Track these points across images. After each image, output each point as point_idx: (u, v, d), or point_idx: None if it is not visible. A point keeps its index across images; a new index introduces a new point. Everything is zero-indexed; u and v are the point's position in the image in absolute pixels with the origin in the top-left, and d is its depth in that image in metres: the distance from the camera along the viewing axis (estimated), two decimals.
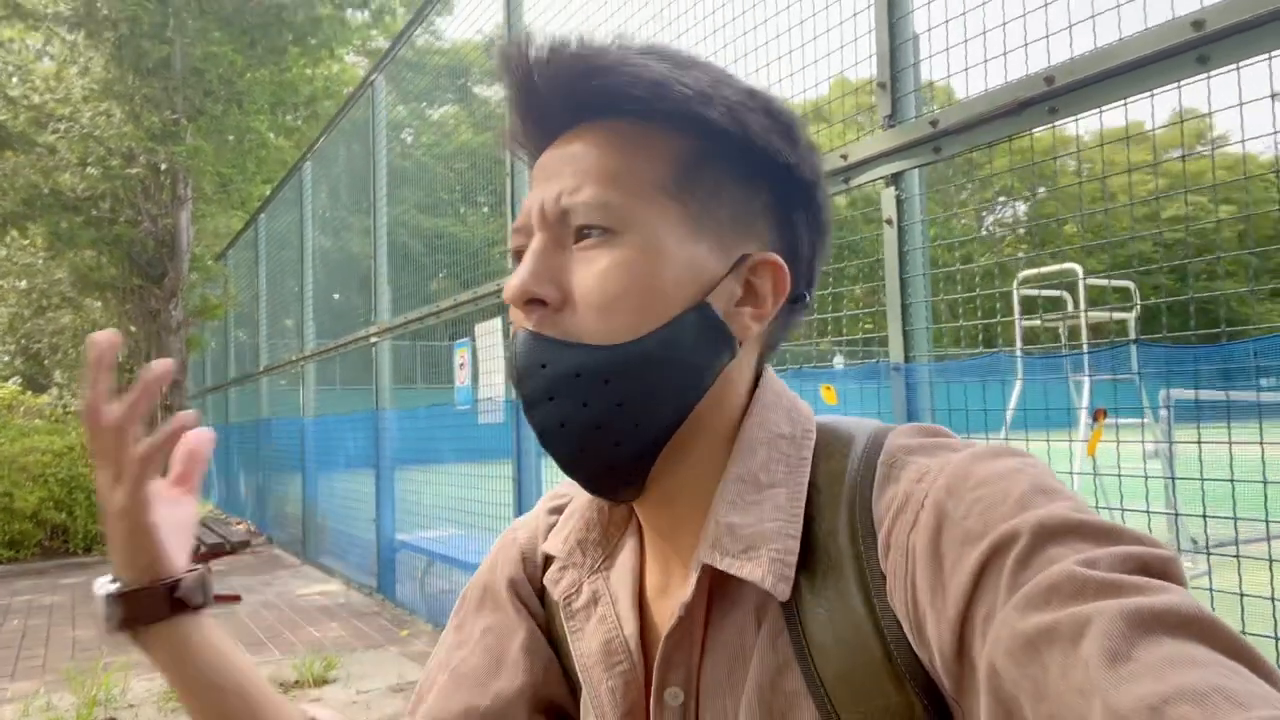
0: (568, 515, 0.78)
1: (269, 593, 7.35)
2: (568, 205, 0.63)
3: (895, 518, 0.59)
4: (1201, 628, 0.42)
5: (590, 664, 0.70)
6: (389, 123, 7.02)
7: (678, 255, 0.63)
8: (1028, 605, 0.47)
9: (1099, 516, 0.52)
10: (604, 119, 0.66)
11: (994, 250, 6.03)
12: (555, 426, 0.62)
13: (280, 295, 10.78)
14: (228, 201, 13.50)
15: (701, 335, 0.63)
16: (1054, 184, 2.63)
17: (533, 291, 0.62)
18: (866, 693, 0.58)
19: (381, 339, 6.58)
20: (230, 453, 13.36)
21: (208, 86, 10.43)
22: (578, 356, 0.61)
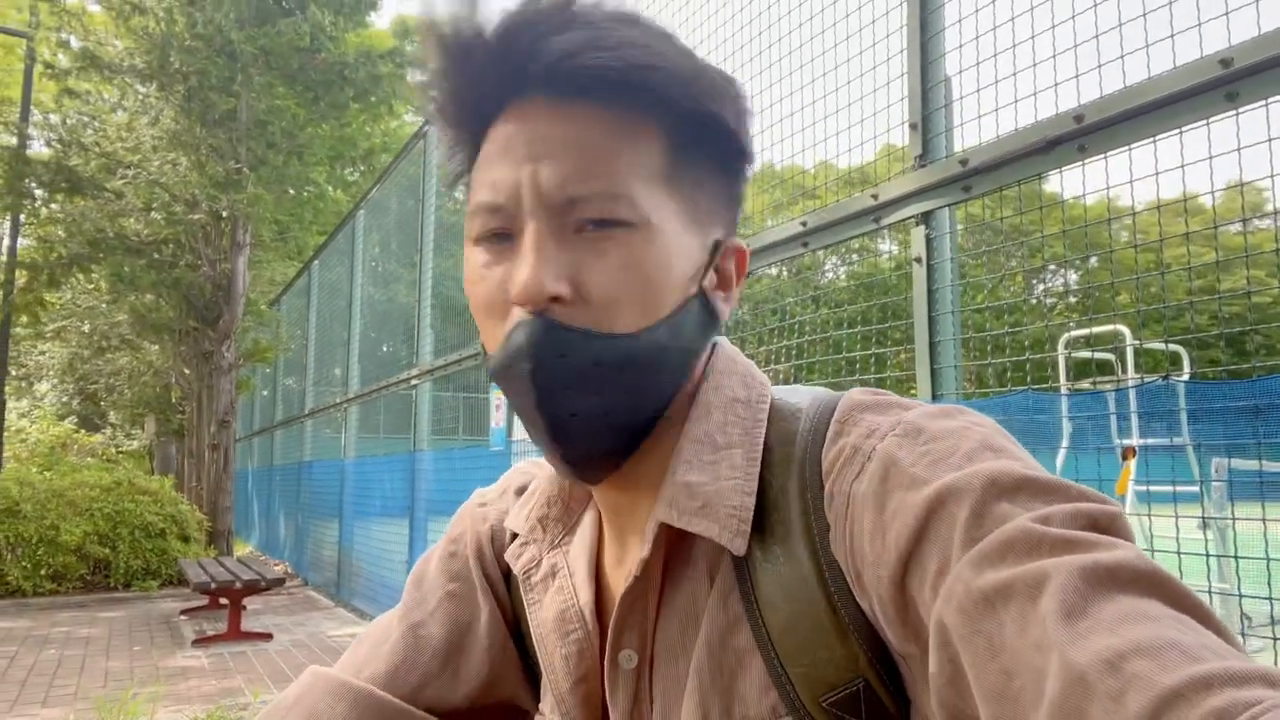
0: (530, 493, 0.79)
1: (301, 633, 7.37)
2: (576, 194, 0.60)
3: (842, 467, 0.60)
4: (1154, 583, 0.43)
5: (545, 633, 0.71)
6: (441, 178, 7.19)
7: (678, 246, 0.63)
8: (982, 561, 0.47)
9: (1047, 472, 0.52)
10: (587, 98, 0.61)
11: (1044, 316, 5.98)
12: (566, 418, 0.61)
13: (328, 342, 11.00)
14: (284, 250, 13.90)
15: (699, 321, 0.65)
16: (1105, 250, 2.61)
17: (551, 290, 0.59)
18: (811, 645, 0.58)
19: (422, 381, 6.67)
20: (272, 495, 13.52)
21: (270, 138, 10.82)
22: (599, 347, 0.60)
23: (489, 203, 0.62)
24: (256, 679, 5.64)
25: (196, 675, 5.77)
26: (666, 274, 0.62)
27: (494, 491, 0.86)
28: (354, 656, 0.78)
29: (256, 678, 5.68)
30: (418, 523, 6.63)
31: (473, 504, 0.86)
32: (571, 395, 0.60)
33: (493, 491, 0.86)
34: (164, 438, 18.80)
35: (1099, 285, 2.53)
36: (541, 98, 0.62)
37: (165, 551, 10.06)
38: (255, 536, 14.87)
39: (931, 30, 2.50)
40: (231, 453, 12.39)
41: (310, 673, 0.76)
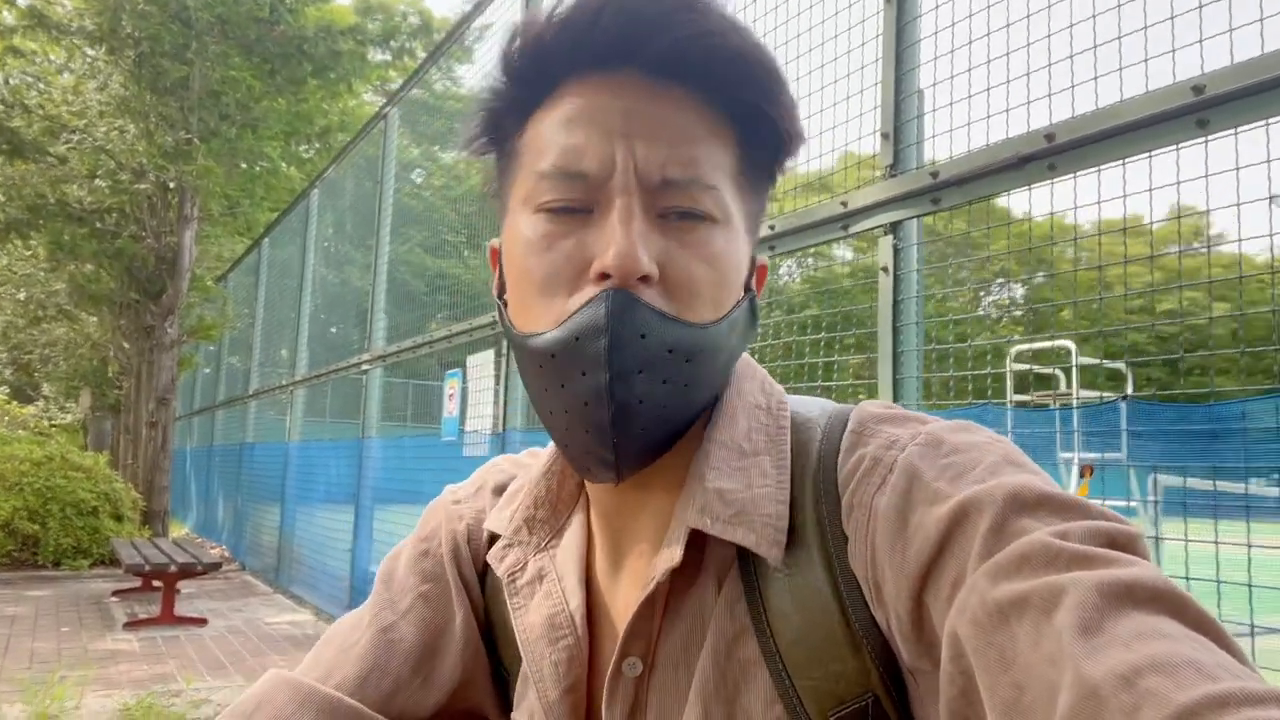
0: (513, 492, 0.77)
1: (237, 618, 7.21)
2: (672, 178, 0.59)
3: (861, 479, 0.59)
4: (1171, 601, 0.43)
5: (533, 638, 0.68)
6: (400, 162, 7.09)
7: (743, 246, 0.64)
8: (998, 573, 0.47)
9: (1067, 491, 0.52)
10: (682, 83, 0.60)
11: (991, 330, 6.14)
12: (635, 402, 0.58)
13: (276, 322, 10.78)
14: (233, 225, 13.58)
15: (748, 322, 0.66)
16: (1052, 269, 2.66)
17: (646, 268, 0.58)
18: (822, 658, 0.57)
19: (374, 367, 6.56)
20: (211, 476, 13.23)
21: (224, 110, 10.55)
22: (676, 332, 0.59)
23: (571, 168, 0.60)
24: (189, 665, 5.50)
25: (127, 659, 5.61)
26: (735, 273, 0.63)
27: (468, 489, 0.82)
28: (319, 659, 0.73)
29: (189, 664, 5.54)
30: (363, 511, 6.52)
31: (445, 501, 0.82)
32: (643, 380, 0.58)
33: (466, 488, 0.83)
34: (99, 413, 18.30)
35: (1046, 303, 2.56)
36: (638, 74, 0.60)
37: (97, 530, 9.78)
38: (192, 518, 14.54)
39: (908, 41, 2.51)
40: (170, 431, 12.09)
41: (272, 676, 0.71)
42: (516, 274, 0.63)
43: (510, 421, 4.34)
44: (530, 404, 3.27)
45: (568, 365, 0.58)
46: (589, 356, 0.57)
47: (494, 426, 4.48)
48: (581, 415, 0.59)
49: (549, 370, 0.60)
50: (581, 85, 0.61)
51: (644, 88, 0.60)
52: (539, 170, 0.61)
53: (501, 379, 4.39)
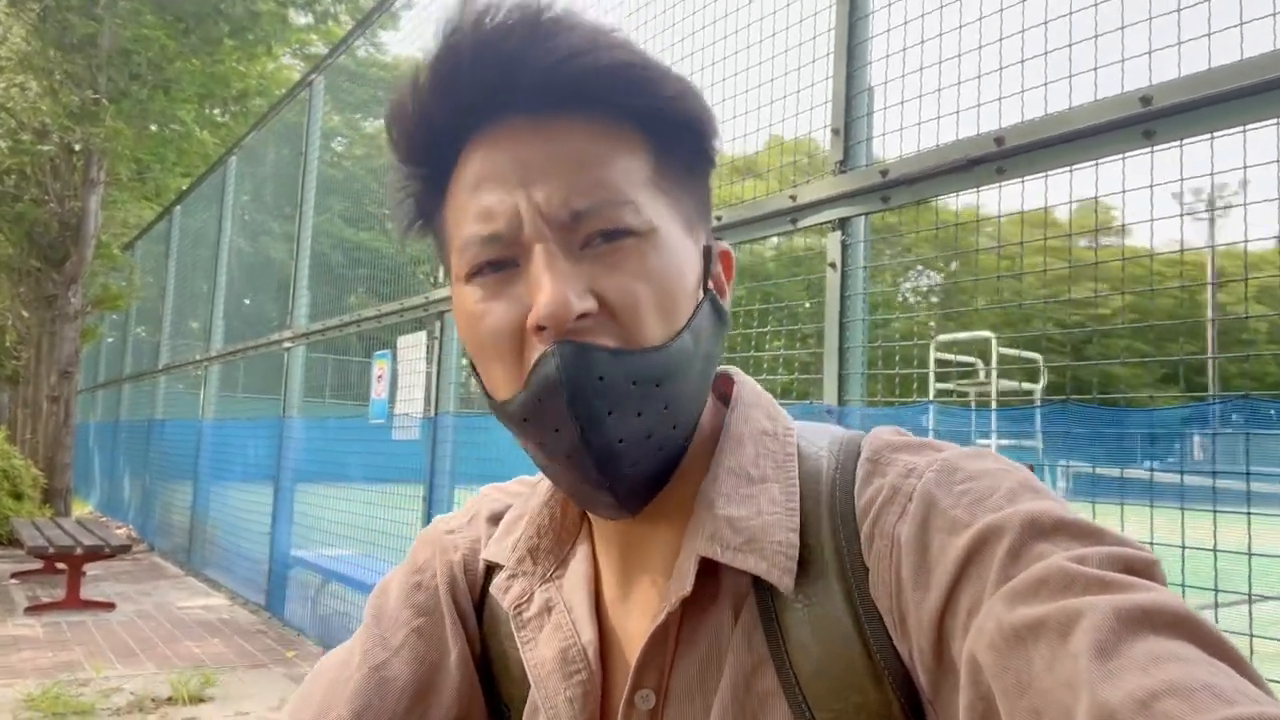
0: (512, 522, 0.74)
1: (147, 603, 6.95)
2: (580, 208, 0.57)
3: (881, 509, 0.59)
4: (1189, 627, 0.43)
5: (545, 673, 0.66)
6: (322, 131, 6.86)
7: (682, 250, 0.62)
8: (1015, 598, 0.47)
9: (1084, 517, 0.52)
10: (574, 110, 0.59)
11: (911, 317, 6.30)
12: (615, 444, 0.57)
13: (188, 294, 10.37)
14: (142, 191, 13.00)
15: (713, 324, 0.64)
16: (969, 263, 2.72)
17: (579, 307, 0.56)
18: (843, 690, 0.57)
19: (296, 344, 6.36)
20: (116, 453, 12.71)
21: (134, 69, 10.04)
22: (633, 364, 0.57)
23: (483, 233, 0.59)
24: (98, 652, 5.29)
25: (30, 646, 5.36)
26: (680, 280, 0.61)
27: (460, 518, 0.80)
28: (307, 700, 0.70)
29: (98, 650, 5.32)
30: (284, 492, 6.34)
31: (438, 531, 0.79)
32: (615, 420, 0.57)
33: (459, 518, 0.80)
34: None
35: (963, 293, 2.61)
36: (521, 118, 0.59)
37: None
38: (95, 496, 13.96)
39: (859, 37, 2.51)
40: (73, 405, 11.56)
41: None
42: (473, 346, 0.63)
43: (444, 405, 4.25)
44: (456, 387, 3.15)
45: (540, 425, 0.58)
46: (555, 414, 0.57)
47: (426, 410, 4.39)
48: (568, 468, 0.59)
49: (527, 431, 0.60)
50: (476, 146, 0.61)
51: (531, 128, 0.59)
52: (460, 244, 0.61)
53: (434, 361, 4.29)
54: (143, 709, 4.23)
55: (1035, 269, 2.18)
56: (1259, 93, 1.70)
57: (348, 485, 5.60)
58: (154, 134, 11.53)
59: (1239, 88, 1.71)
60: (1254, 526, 1.61)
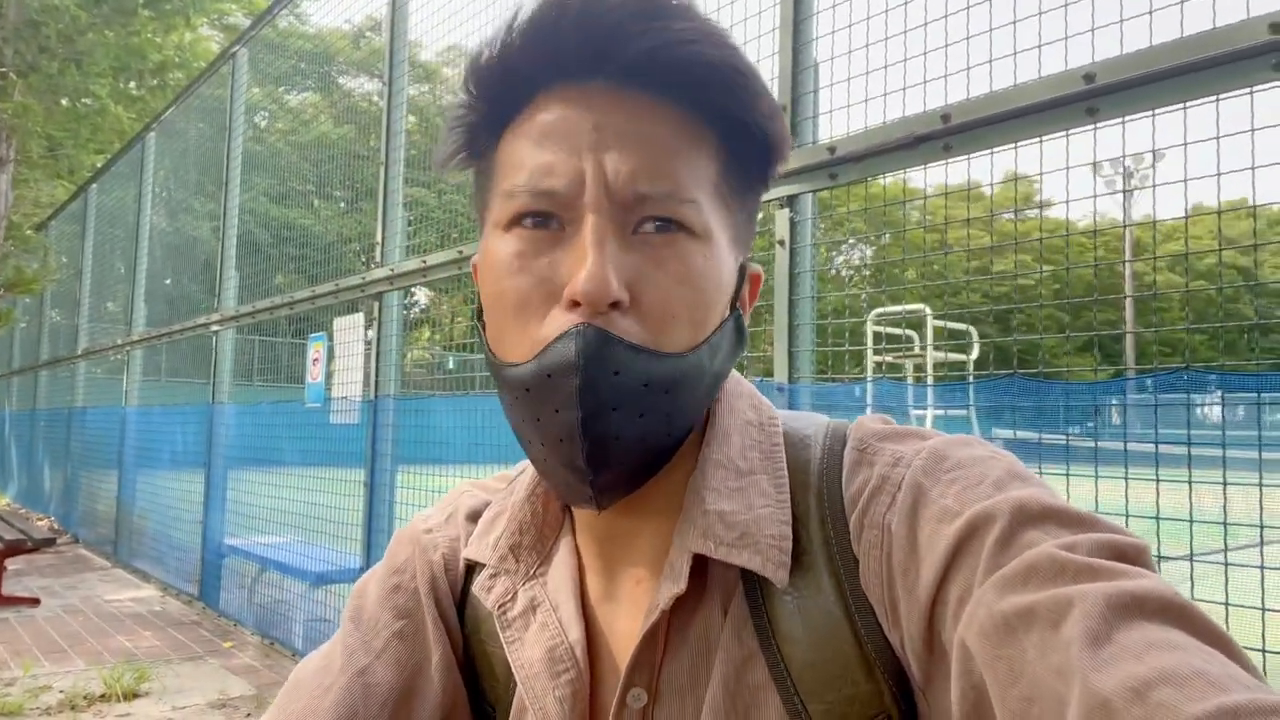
0: (492, 518, 0.73)
1: (73, 596, 6.71)
2: (646, 191, 0.56)
3: (870, 499, 0.59)
4: (1180, 613, 0.43)
5: (533, 674, 0.65)
6: (245, 104, 6.63)
7: (727, 263, 0.61)
8: (1005, 586, 0.47)
9: (1072, 504, 0.53)
10: (655, 93, 0.58)
11: (844, 289, 6.39)
12: (611, 439, 0.56)
13: (106, 276, 9.97)
14: (55, 169, 12.43)
15: (733, 342, 0.63)
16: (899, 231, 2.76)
17: (616, 295, 0.55)
18: (835, 681, 0.57)
19: (224, 328, 6.17)
20: (35, 442, 12.21)
21: (44, 42, 9.55)
22: (651, 365, 0.56)
23: (540, 186, 0.57)
24: (24, 650, 5.09)
25: None
26: (718, 292, 0.60)
27: (438, 516, 0.77)
28: (288, 708, 0.67)
29: (24, 648, 5.12)
30: (215, 480, 6.16)
31: (416, 530, 0.76)
32: (618, 417, 0.56)
33: (436, 516, 0.77)
34: None
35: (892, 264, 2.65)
36: (602, 83, 0.58)
37: None
38: (12, 487, 13.42)
39: (804, 12, 2.50)
40: None
41: None
42: (491, 297, 0.61)
43: (384, 388, 4.16)
44: (396, 369, 3.09)
45: (542, 400, 0.57)
46: (562, 394, 0.55)
47: (365, 392, 4.30)
48: (557, 450, 0.58)
49: (524, 402, 0.58)
50: (549, 99, 0.59)
51: (614, 98, 0.58)
52: (509, 189, 0.59)
53: (374, 344, 4.20)
54: (75, 707, 4.09)
55: (961, 243, 2.22)
56: (1198, 70, 1.74)
57: (283, 470, 5.46)
58: (66, 109, 11.01)
59: (1179, 65, 1.74)
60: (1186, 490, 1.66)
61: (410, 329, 5.46)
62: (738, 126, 0.60)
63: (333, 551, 4.71)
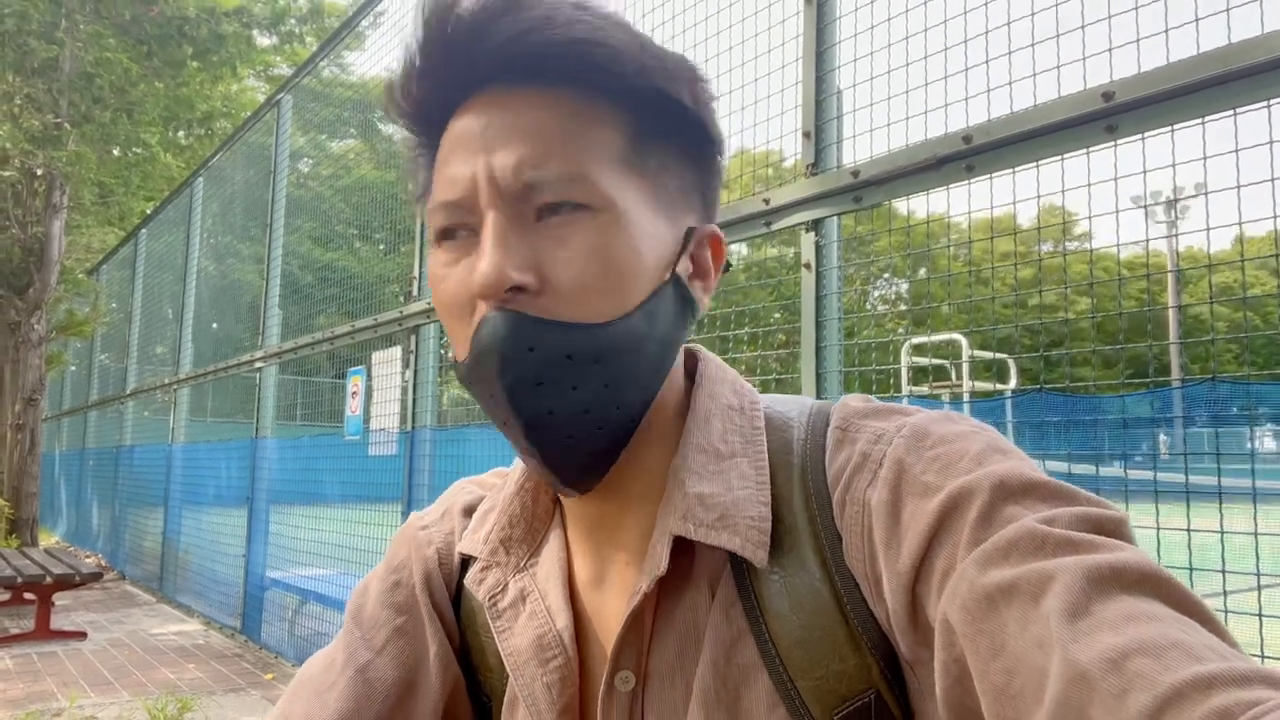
0: (484, 513, 0.75)
1: (119, 630, 6.83)
2: (533, 179, 0.58)
3: (853, 475, 0.59)
4: (1157, 584, 0.44)
5: (522, 661, 0.67)
6: (289, 151, 6.83)
7: (649, 229, 0.61)
8: (986, 561, 0.48)
9: (1052, 478, 0.53)
10: (537, 85, 0.60)
11: (879, 325, 6.41)
12: (545, 414, 0.58)
13: (155, 318, 10.24)
14: (105, 215, 12.83)
15: (675, 308, 0.63)
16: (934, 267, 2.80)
17: (513, 279, 0.57)
18: (823, 658, 0.57)
19: (268, 364, 6.31)
20: (84, 481, 12.48)
21: (97, 93, 9.92)
22: (570, 337, 0.57)
23: (446, 200, 0.61)
24: (70, 681, 5.18)
25: (0, 678, 5.25)
26: (635, 259, 0.60)
27: (434, 513, 0.79)
28: (292, 707, 0.69)
29: (70, 680, 5.22)
30: (258, 514, 6.27)
31: (413, 528, 0.78)
32: (545, 391, 0.58)
33: (433, 513, 0.79)
34: None
35: (931, 300, 2.66)
36: (495, 88, 0.61)
37: None
38: (62, 526, 13.70)
39: (828, 42, 2.56)
40: (38, 434, 11.35)
41: None
42: (438, 309, 0.64)
43: (420, 420, 4.23)
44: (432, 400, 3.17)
45: (481, 389, 0.60)
46: (490, 379, 0.58)
47: (402, 424, 4.37)
48: (509, 435, 0.60)
49: (475, 394, 0.61)
50: (459, 115, 0.62)
51: (497, 101, 0.60)
52: (430, 209, 0.63)
53: (410, 376, 4.28)
54: None
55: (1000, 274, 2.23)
56: (1215, 85, 1.76)
57: (324, 504, 5.54)
58: (117, 158, 11.40)
59: (1196, 80, 1.77)
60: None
61: (446, 370, 5.57)
62: (626, 94, 0.61)
63: None
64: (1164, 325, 15.55)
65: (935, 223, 2.48)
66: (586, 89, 0.60)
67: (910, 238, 2.53)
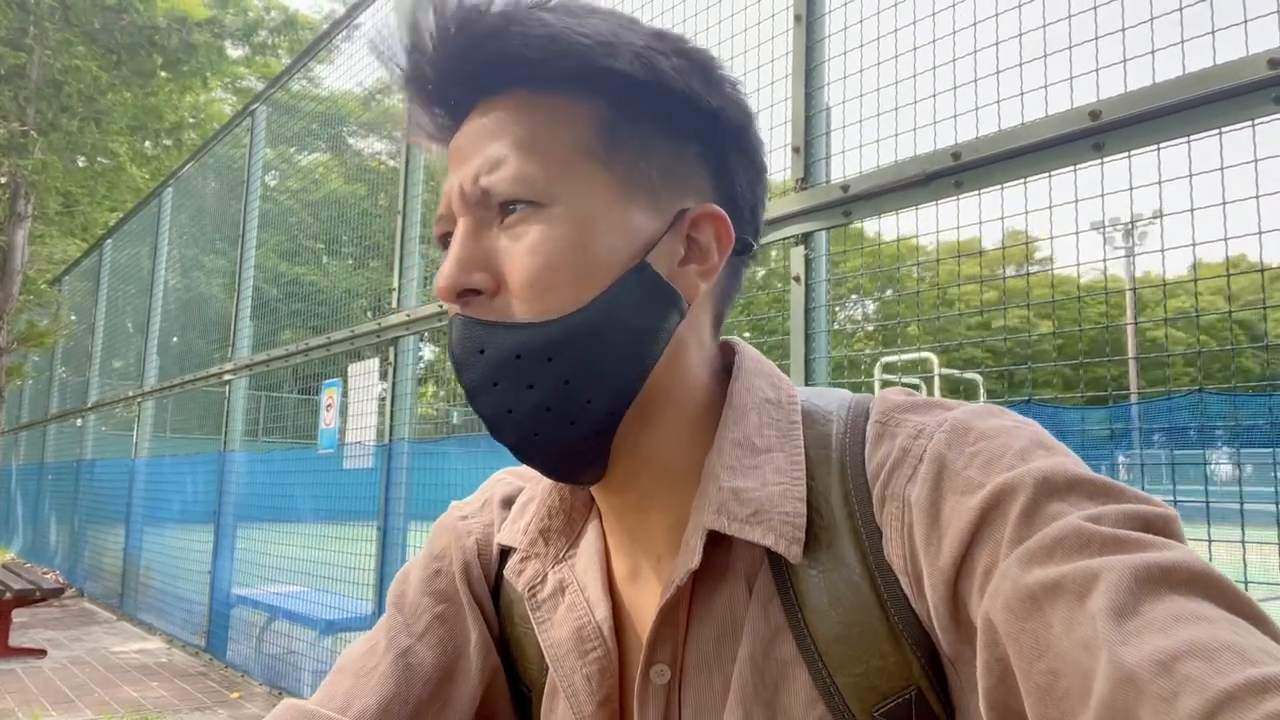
0: (524, 504, 0.75)
1: (79, 648, 6.66)
2: (487, 184, 0.59)
3: (892, 471, 0.58)
4: (1207, 584, 0.43)
5: (562, 653, 0.67)
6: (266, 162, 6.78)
7: (609, 220, 0.60)
8: (1030, 559, 0.47)
9: (1098, 474, 0.52)
10: (505, 90, 0.62)
11: (846, 344, 6.44)
12: (503, 414, 0.59)
13: (118, 331, 10.06)
14: (69, 225, 12.61)
15: (644, 298, 0.60)
16: (900, 287, 2.82)
17: (463, 283, 0.59)
18: (863, 653, 0.57)
19: (238, 376, 6.22)
20: (41, 496, 12.19)
21: (65, 101, 9.77)
22: (515, 337, 0.58)
23: (440, 213, 0.64)
24: (31, 699, 5.04)
25: None
26: (582, 253, 0.59)
27: (474, 504, 0.79)
28: (335, 689, 0.69)
29: (31, 698, 5.07)
30: (224, 530, 6.15)
31: (453, 518, 0.79)
32: (501, 391, 0.59)
33: (472, 504, 0.79)
34: None
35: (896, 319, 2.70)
36: (480, 102, 0.63)
37: None
38: (17, 542, 13.35)
39: (816, 60, 2.59)
40: None
41: (287, 707, 0.66)
42: None
43: (398, 433, 4.19)
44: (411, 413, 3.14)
45: (463, 389, 0.63)
46: (459, 379, 0.61)
47: (380, 437, 4.33)
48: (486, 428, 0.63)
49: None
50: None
51: (481, 111, 0.63)
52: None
53: (389, 389, 4.24)
54: None
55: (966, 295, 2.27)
56: (1200, 105, 1.81)
57: (295, 520, 5.46)
58: (83, 167, 11.23)
59: (1182, 100, 1.81)
60: None
61: (424, 382, 5.51)
62: (590, 83, 0.61)
63: (344, 599, 4.69)
64: (1123, 348, 15.85)
65: (903, 244, 2.52)
66: (545, 85, 0.61)
67: (874, 261, 2.57)
